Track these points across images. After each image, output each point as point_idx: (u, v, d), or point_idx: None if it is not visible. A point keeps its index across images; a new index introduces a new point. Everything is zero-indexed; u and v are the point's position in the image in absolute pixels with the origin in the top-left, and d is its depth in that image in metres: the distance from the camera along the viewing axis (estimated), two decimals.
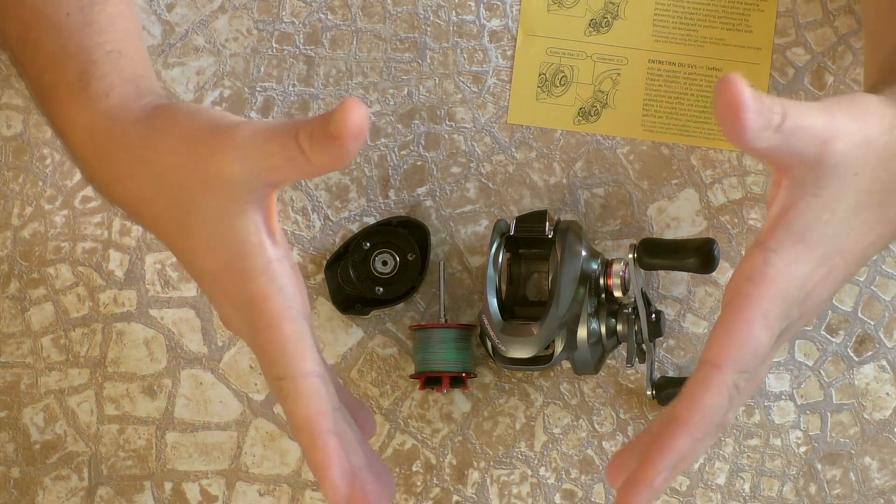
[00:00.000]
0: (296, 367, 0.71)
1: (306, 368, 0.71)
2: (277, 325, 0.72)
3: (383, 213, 0.95)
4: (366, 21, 0.97)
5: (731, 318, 0.70)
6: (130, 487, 0.94)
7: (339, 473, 0.70)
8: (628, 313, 0.89)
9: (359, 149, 0.67)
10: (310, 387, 0.71)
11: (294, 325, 0.72)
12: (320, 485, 0.70)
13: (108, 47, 0.79)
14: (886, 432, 0.93)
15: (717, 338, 0.71)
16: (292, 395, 0.71)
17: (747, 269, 0.71)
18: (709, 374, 0.70)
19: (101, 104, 0.77)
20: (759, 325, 0.70)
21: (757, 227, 0.94)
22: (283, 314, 0.72)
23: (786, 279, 0.70)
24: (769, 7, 0.96)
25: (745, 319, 0.70)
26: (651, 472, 0.70)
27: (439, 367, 0.91)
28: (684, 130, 0.95)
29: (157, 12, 0.97)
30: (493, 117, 0.96)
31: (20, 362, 0.95)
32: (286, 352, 0.72)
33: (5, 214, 0.96)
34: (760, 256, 0.70)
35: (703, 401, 0.70)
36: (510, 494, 0.93)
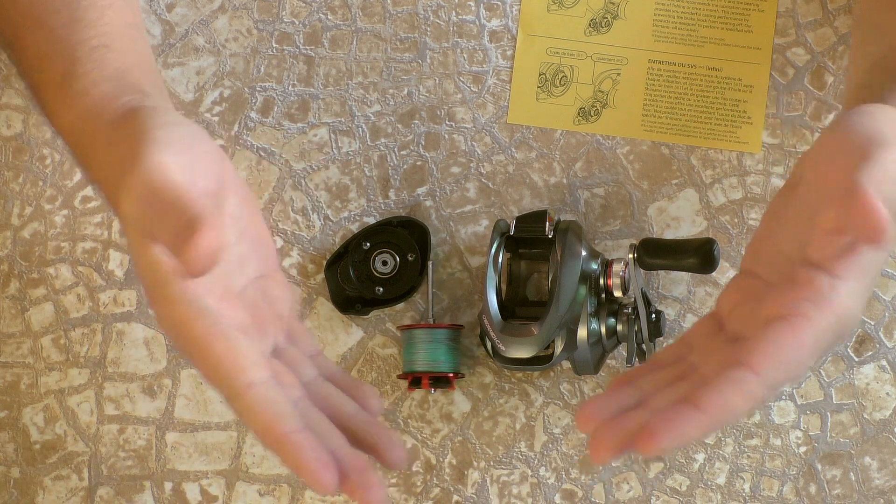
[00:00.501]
0: (235, 384, 0.71)
1: (245, 381, 0.70)
2: (207, 348, 0.71)
3: (383, 213, 0.95)
4: (366, 21, 0.97)
5: (785, 335, 0.70)
6: (130, 487, 0.94)
7: (317, 467, 0.69)
8: (628, 313, 0.89)
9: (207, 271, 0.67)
10: (255, 399, 0.70)
11: (222, 343, 0.71)
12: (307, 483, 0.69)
13: (93, 42, 0.78)
14: (886, 432, 0.93)
15: (763, 347, 0.70)
16: (242, 411, 0.71)
17: (810, 292, 0.71)
18: (745, 379, 0.69)
19: (81, 103, 0.77)
20: (809, 350, 0.70)
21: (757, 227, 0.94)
22: (208, 335, 0.71)
23: (844, 308, 0.71)
24: (769, 7, 0.96)
25: (800, 342, 0.70)
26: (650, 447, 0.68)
27: (421, 367, 0.91)
28: (684, 130, 0.95)
29: (157, 12, 0.97)
30: (493, 117, 0.96)
31: (20, 362, 0.95)
32: (221, 372, 0.71)
33: (5, 214, 0.96)
34: (827, 282, 0.71)
35: (730, 402, 0.69)
36: (510, 494, 0.93)
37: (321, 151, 0.96)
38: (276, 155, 0.96)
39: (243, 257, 0.77)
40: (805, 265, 0.73)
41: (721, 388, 0.69)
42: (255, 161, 0.96)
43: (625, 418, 0.71)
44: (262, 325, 0.77)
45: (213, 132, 0.96)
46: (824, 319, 0.71)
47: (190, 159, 0.71)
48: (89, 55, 0.78)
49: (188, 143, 0.72)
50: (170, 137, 0.72)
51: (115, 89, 0.77)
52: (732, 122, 0.95)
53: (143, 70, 0.79)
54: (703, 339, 0.77)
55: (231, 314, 0.73)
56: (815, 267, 0.72)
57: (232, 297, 0.74)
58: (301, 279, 0.95)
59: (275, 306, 0.78)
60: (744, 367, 0.70)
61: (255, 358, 0.71)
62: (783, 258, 0.76)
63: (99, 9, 0.79)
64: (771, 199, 0.94)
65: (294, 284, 0.95)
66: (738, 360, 0.70)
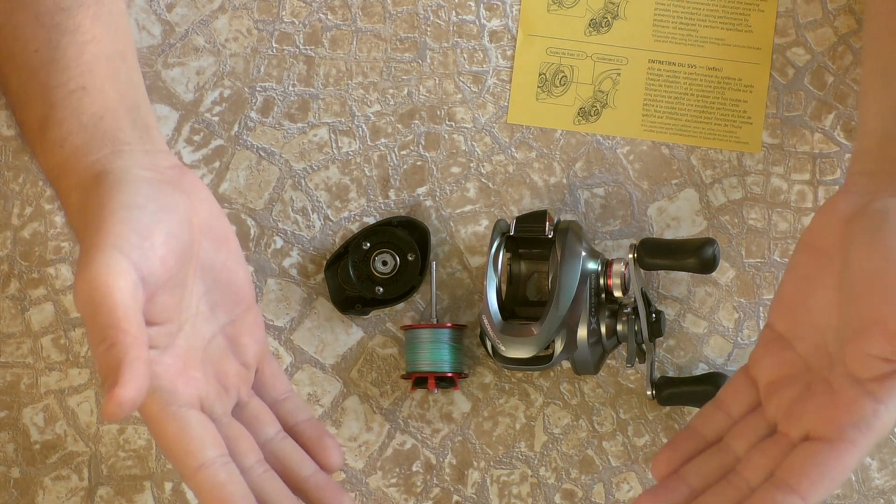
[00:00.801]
0: (187, 465, 0.73)
1: (196, 464, 0.73)
2: (160, 427, 0.74)
3: (383, 213, 0.95)
4: (366, 21, 0.97)
5: (831, 461, 0.74)
6: (130, 487, 0.94)
7: None
8: (628, 313, 0.89)
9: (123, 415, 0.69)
10: (204, 481, 0.73)
11: (174, 425, 0.74)
12: None
13: (70, 86, 0.77)
14: None
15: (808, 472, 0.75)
16: (195, 490, 0.74)
17: (855, 417, 0.74)
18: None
19: (56, 156, 0.77)
20: (852, 469, 0.75)
21: (757, 227, 0.94)
22: (161, 415, 0.74)
23: (885, 430, 0.75)
24: (769, 7, 0.96)
25: (844, 465, 0.74)
26: None
27: (425, 367, 0.91)
28: (684, 130, 0.95)
29: (157, 12, 0.97)
30: (493, 117, 0.96)
31: (20, 362, 0.95)
32: (175, 453, 0.74)
33: (5, 214, 0.96)
34: (871, 408, 0.74)
35: None
36: (510, 494, 0.93)
37: (321, 151, 0.96)
38: (276, 155, 0.96)
39: (213, 305, 0.79)
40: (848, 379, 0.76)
41: None
42: (255, 161, 0.96)
43: None
44: (224, 383, 0.79)
45: (213, 132, 0.96)
46: (867, 443, 0.75)
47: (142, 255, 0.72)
48: (66, 100, 0.77)
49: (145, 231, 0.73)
50: (125, 227, 0.72)
51: (88, 142, 0.77)
52: (732, 122, 0.95)
53: (126, 107, 0.79)
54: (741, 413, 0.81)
55: (187, 391, 0.75)
56: (859, 386, 0.74)
57: (191, 369, 0.77)
58: (301, 279, 0.95)
59: (242, 356, 0.81)
60: (792, 492, 0.74)
61: (206, 437, 0.74)
62: (821, 337, 0.79)
63: (78, 46, 0.78)
64: (771, 198, 0.94)
65: (294, 285, 0.95)
66: (787, 483, 0.74)
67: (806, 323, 0.79)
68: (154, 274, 0.72)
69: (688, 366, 0.93)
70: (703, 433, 0.81)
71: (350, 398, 0.94)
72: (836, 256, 0.77)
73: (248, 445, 0.77)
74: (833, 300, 0.77)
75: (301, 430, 0.81)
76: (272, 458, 0.79)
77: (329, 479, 0.79)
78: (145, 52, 0.96)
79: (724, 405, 0.81)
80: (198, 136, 0.96)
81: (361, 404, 0.94)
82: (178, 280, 0.75)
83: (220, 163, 0.96)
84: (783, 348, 0.80)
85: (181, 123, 0.96)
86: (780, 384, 0.79)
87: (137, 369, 0.68)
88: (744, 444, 0.79)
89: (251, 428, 0.79)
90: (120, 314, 0.69)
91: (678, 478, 0.79)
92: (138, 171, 0.76)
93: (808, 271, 0.79)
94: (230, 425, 0.78)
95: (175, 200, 0.76)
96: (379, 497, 0.93)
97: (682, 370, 0.93)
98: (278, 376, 0.83)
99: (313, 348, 0.95)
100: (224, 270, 0.79)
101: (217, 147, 0.96)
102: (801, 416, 0.77)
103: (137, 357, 0.69)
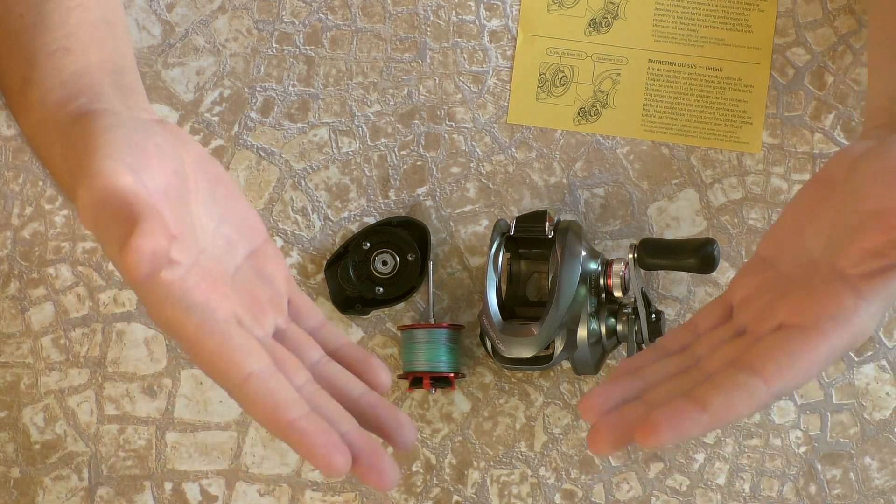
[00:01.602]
0: (233, 377, 0.70)
1: (243, 374, 0.69)
2: (199, 345, 0.70)
3: (383, 213, 0.95)
4: (366, 21, 0.97)
5: (800, 348, 0.71)
6: (130, 487, 0.94)
7: (327, 451, 0.67)
8: (628, 313, 0.89)
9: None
10: (254, 389, 0.69)
11: (215, 339, 0.70)
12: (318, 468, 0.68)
13: (52, 46, 0.76)
14: (886, 432, 0.93)
15: (776, 356, 0.70)
16: (246, 404, 0.70)
17: (833, 308, 0.71)
18: (754, 386, 0.70)
19: (36, 114, 0.75)
20: (820, 364, 0.71)
21: (757, 228, 0.94)
22: (200, 333, 0.70)
23: (862, 329, 0.72)
24: (769, 7, 0.96)
25: (814, 356, 0.71)
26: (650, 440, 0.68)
27: (422, 367, 0.91)
28: (684, 130, 0.95)
29: (157, 12, 0.97)
30: (493, 117, 0.96)
31: (20, 362, 0.95)
32: (218, 367, 0.70)
33: (5, 214, 0.96)
34: (851, 301, 0.71)
35: (736, 406, 0.69)
36: (510, 494, 0.93)
37: (321, 151, 0.96)
38: (276, 155, 0.96)
39: (229, 240, 0.75)
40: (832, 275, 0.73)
41: (728, 391, 0.69)
42: (255, 161, 0.96)
43: (627, 410, 0.71)
44: (259, 309, 0.75)
45: (213, 132, 0.96)
46: (841, 338, 0.71)
47: (135, 160, 0.69)
48: (47, 60, 0.76)
49: (134, 142, 0.71)
50: (113, 141, 0.70)
51: (67, 95, 0.75)
52: (732, 122, 0.95)
53: (108, 69, 0.77)
54: (711, 327, 0.77)
55: (222, 306, 0.72)
56: (843, 281, 0.72)
57: (223, 286, 0.73)
58: (301, 279, 0.95)
59: (271, 284, 0.77)
60: (755, 374, 0.70)
61: (250, 348, 0.70)
62: (807, 256, 0.75)
63: (63, 11, 0.77)
64: (771, 198, 0.94)
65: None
66: (750, 364, 0.70)
67: (794, 244, 0.76)
68: (154, 179, 0.70)
69: None
70: (667, 347, 0.77)
71: None
72: (841, 186, 0.76)
73: (295, 365, 0.73)
74: (827, 225, 0.75)
75: (345, 354, 0.76)
76: (319, 380, 0.74)
77: (381, 399, 0.74)
78: (145, 51, 0.96)
79: (692, 324, 0.78)
80: (198, 136, 0.96)
81: None
82: (180, 195, 0.72)
83: (220, 163, 0.96)
84: (764, 268, 0.77)
85: (181, 123, 0.96)
86: (754, 295, 0.76)
87: (155, 225, 0.65)
88: (707, 348, 0.75)
89: (294, 353, 0.74)
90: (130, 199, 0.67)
91: (635, 376, 0.74)
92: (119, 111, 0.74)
93: (809, 202, 0.78)
94: (274, 347, 0.73)
95: (160, 131, 0.73)
96: (379, 497, 0.93)
97: None
98: (310, 305, 0.78)
99: None
100: (227, 207, 0.76)
101: (217, 147, 0.96)
102: (773, 313, 0.73)
103: (154, 217, 0.66)
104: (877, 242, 0.71)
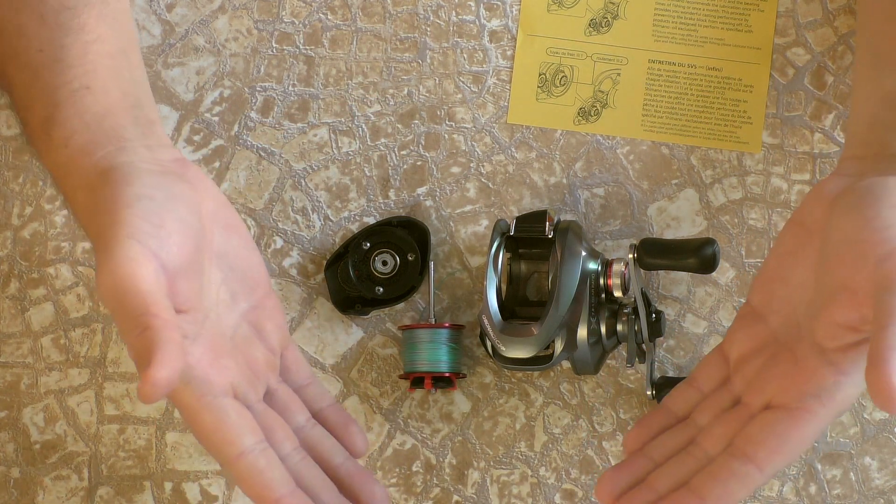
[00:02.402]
0: (226, 454, 0.74)
1: (235, 452, 0.74)
2: (196, 419, 0.74)
3: (383, 213, 0.95)
4: (366, 21, 0.97)
5: (789, 431, 0.74)
6: (130, 487, 0.94)
7: None
8: (628, 313, 0.89)
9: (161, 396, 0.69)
10: (246, 469, 0.73)
11: (211, 415, 0.74)
12: None
13: (74, 84, 0.77)
14: (886, 432, 0.93)
15: (767, 442, 0.74)
16: (236, 478, 0.74)
17: (815, 387, 0.74)
18: (748, 474, 0.74)
19: (60, 155, 0.77)
20: (812, 440, 0.74)
21: (757, 228, 0.94)
22: (197, 407, 0.74)
23: (849, 400, 0.74)
24: (769, 7, 0.96)
25: (803, 435, 0.74)
26: None
27: (423, 367, 0.91)
28: (684, 130, 0.95)
29: (157, 12, 0.97)
30: (493, 117, 0.96)
31: (20, 362, 0.95)
32: (213, 442, 0.74)
33: (5, 214, 0.96)
34: (832, 379, 0.74)
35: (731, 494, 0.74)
36: (510, 494, 0.93)
37: (321, 151, 0.96)
38: (276, 155, 0.96)
39: (233, 293, 0.79)
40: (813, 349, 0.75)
41: (725, 481, 0.74)
42: (255, 161, 0.96)
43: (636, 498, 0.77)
44: (255, 372, 0.80)
45: (213, 132, 0.96)
46: (827, 413, 0.75)
47: (158, 242, 0.72)
48: (69, 99, 0.77)
49: (158, 220, 0.73)
50: (138, 217, 0.72)
51: (92, 141, 0.77)
52: (732, 122, 0.95)
53: (128, 105, 0.79)
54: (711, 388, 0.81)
55: (221, 379, 0.75)
56: (822, 356, 0.73)
57: (222, 354, 0.77)
58: (301, 279, 0.95)
59: (267, 342, 0.81)
60: (748, 461, 0.74)
61: (243, 425, 0.74)
62: (793, 311, 0.78)
63: (82, 45, 0.78)
64: (771, 198, 0.94)
65: (294, 285, 0.95)
66: (744, 452, 0.74)
67: (781, 297, 0.79)
68: (172, 260, 0.73)
69: (688, 366, 0.93)
70: (674, 410, 0.81)
71: (350, 398, 0.94)
72: (818, 233, 0.77)
73: (284, 433, 0.78)
74: (809, 277, 0.77)
75: (326, 416, 0.82)
76: (305, 445, 0.79)
77: (360, 467, 0.80)
78: (145, 52, 0.96)
79: (695, 382, 0.82)
80: (198, 136, 0.96)
81: (361, 404, 0.94)
82: (196, 266, 0.75)
83: (220, 163, 0.96)
84: (756, 322, 0.80)
85: (181, 123, 0.96)
86: (748, 357, 0.79)
87: (171, 350, 0.68)
88: (708, 417, 0.79)
89: (282, 415, 0.79)
90: (149, 300, 0.70)
91: (642, 454, 0.79)
92: (142, 164, 0.76)
93: (791, 248, 0.80)
94: (265, 413, 0.78)
95: (181, 189, 0.76)
96: None
97: (682, 370, 0.93)
98: (300, 362, 0.83)
99: (313, 348, 0.95)
100: (237, 257, 0.80)
101: (217, 147, 0.96)
102: (763, 386, 0.76)
103: (170, 338, 0.69)
104: (848, 318, 0.72)
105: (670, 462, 0.78)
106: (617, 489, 0.77)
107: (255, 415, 0.77)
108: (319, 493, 0.76)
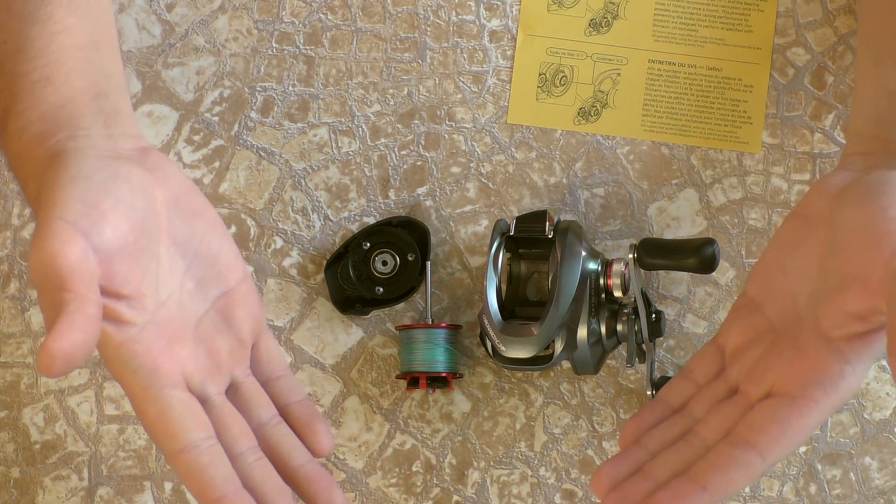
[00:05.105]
0: (168, 447, 0.72)
1: (178, 446, 0.72)
2: (142, 409, 0.72)
3: (383, 213, 0.95)
4: (366, 21, 0.97)
5: (792, 419, 0.73)
6: (130, 487, 0.94)
7: None
8: (628, 313, 0.89)
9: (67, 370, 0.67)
10: (187, 464, 0.72)
11: (155, 407, 0.72)
12: None
13: (35, 76, 0.76)
14: (886, 432, 0.93)
15: (769, 430, 0.73)
16: (178, 473, 0.72)
17: (820, 375, 0.73)
18: (751, 461, 0.73)
19: (15, 146, 0.75)
20: (814, 429, 0.73)
21: (757, 228, 0.94)
22: (143, 397, 0.72)
23: (852, 389, 0.74)
24: (769, 7, 0.96)
25: (805, 423, 0.73)
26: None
27: (419, 367, 0.91)
28: (684, 130, 0.95)
29: (157, 12, 0.97)
30: (493, 117, 0.96)
31: (20, 362, 0.95)
32: (156, 434, 0.72)
33: (5, 214, 0.96)
34: (837, 367, 0.73)
35: (734, 482, 0.73)
36: (510, 494, 0.93)
37: (321, 151, 0.96)
38: (276, 155, 0.96)
39: (200, 281, 0.77)
40: (817, 337, 0.74)
41: (726, 469, 0.73)
42: (255, 161, 0.96)
43: (632, 486, 0.75)
44: (216, 363, 0.77)
45: (213, 132, 0.96)
46: (830, 403, 0.74)
47: (89, 222, 0.70)
48: (28, 90, 0.76)
49: (92, 200, 0.71)
50: (71, 198, 0.71)
51: (45, 130, 0.75)
52: (732, 122, 0.95)
53: (91, 95, 0.77)
54: (706, 379, 0.80)
55: (170, 368, 0.73)
56: (828, 344, 0.73)
57: (178, 343, 0.75)
58: (301, 279, 0.95)
59: (237, 331, 0.78)
60: (750, 448, 0.73)
61: (189, 419, 0.72)
62: (793, 304, 0.77)
63: (48, 36, 0.77)
64: (771, 198, 0.94)
65: (294, 285, 0.95)
66: (745, 439, 0.73)
67: (780, 287, 0.78)
68: (106, 241, 0.71)
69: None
70: (669, 402, 0.80)
71: (350, 398, 0.94)
72: (822, 224, 0.77)
73: (241, 430, 0.75)
74: (811, 267, 0.76)
75: (292, 412, 0.79)
76: (264, 443, 0.77)
77: (321, 471, 0.77)
78: (145, 52, 0.96)
79: (690, 374, 0.81)
80: (198, 136, 0.96)
81: (361, 404, 0.94)
82: (141, 251, 0.73)
83: (220, 163, 0.96)
84: (752, 312, 0.79)
85: (181, 123, 0.96)
86: (745, 347, 0.78)
87: (74, 321, 0.67)
88: (704, 408, 0.78)
89: (244, 410, 0.77)
90: (69, 277, 0.68)
91: (638, 445, 0.78)
92: (90, 150, 0.75)
93: (791, 239, 0.79)
94: (223, 407, 0.76)
95: (128, 171, 0.74)
96: (379, 497, 0.93)
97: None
98: (273, 353, 0.80)
99: (313, 348, 0.95)
100: (204, 244, 0.77)
101: (217, 147, 0.96)
102: (763, 374, 0.76)
103: (77, 309, 0.67)
104: (858, 307, 0.72)
105: (667, 451, 0.77)
106: (613, 480, 0.76)
107: (211, 408, 0.75)
108: (270, 497, 0.74)
